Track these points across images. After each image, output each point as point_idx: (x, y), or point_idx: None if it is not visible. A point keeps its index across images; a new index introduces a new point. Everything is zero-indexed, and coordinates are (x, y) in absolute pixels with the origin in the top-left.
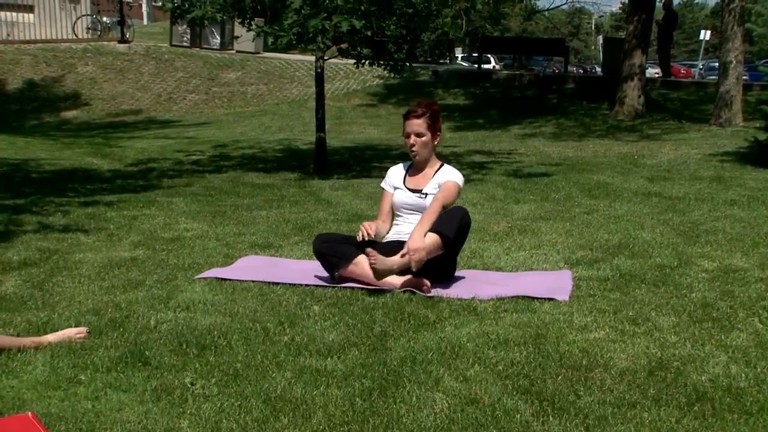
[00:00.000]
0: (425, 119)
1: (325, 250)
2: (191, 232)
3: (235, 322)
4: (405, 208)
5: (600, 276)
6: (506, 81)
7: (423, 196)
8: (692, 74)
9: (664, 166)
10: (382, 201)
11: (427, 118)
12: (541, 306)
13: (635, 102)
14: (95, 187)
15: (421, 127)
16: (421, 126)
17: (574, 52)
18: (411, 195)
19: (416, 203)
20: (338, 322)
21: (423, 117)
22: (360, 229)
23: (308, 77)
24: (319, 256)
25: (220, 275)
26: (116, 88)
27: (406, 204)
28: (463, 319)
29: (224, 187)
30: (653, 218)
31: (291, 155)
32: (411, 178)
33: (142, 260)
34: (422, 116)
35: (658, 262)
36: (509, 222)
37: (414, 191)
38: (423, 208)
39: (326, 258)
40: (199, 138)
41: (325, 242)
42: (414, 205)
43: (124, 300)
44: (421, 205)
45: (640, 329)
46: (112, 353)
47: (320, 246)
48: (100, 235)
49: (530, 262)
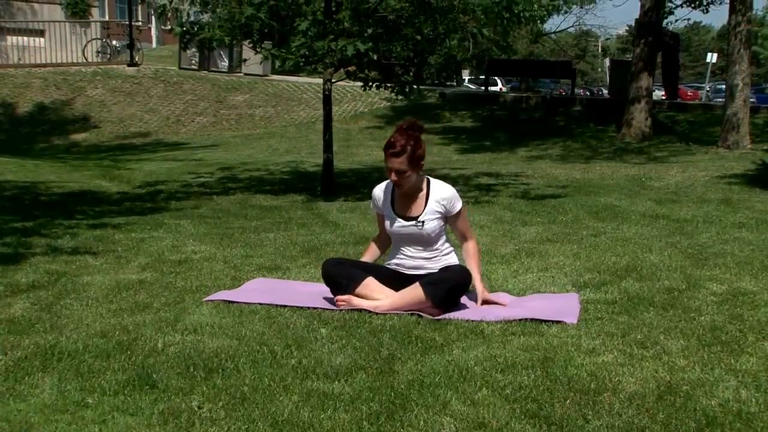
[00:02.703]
0: (405, 157)
1: (334, 273)
2: (199, 254)
3: (243, 345)
4: (403, 240)
5: (608, 299)
6: (513, 103)
7: (419, 225)
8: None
9: (672, 188)
10: (378, 222)
11: (407, 155)
12: (548, 329)
13: (642, 124)
14: (103, 209)
15: (402, 164)
16: (402, 164)
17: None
18: (405, 224)
19: (411, 233)
20: (346, 345)
21: (402, 155)
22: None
23: (316, 99)
24: (328, 280)
25: (227, 298)
26: (125, 110)
27: (400, 234)
28: (471, 342)
29: (232, 210)
30: (661, 241)
31: (298, 177)
32: (400, 202)
33: (149, 283)
34: (401, 155)
35: (666, 285)
36: (516, 244)
37: (407, 218)
38: (420, 238)
39: (336, 281)
40: (207, 160)
41: (335, 265)
42: (411, 235)
43: (131, 323)
44: (417, 236)
45: (649, 353)
46: (120, 376)
47: (330, 269)
48: (108, 257)
49: (538, 284)
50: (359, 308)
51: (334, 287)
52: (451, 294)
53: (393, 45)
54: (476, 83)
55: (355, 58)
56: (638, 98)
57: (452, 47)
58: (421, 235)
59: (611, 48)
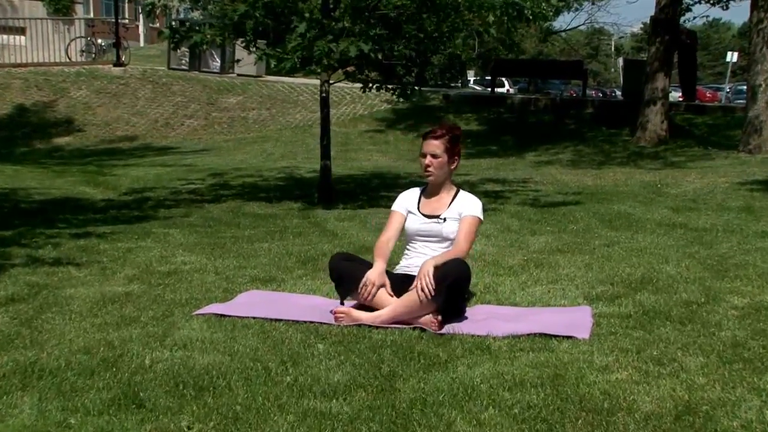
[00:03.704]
0: (443, 141)
1: (342, 270)
2: (189, 265)
3: (235, 361)
4: (419, 236)
5: (622, 313)
6: (521, 105)
7: (441, 221)
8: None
9: (690, 195)
10: (392, 221)
11: (446, 140)
12: (559, 344)
13: (658, 127)
14: (87, 217)
15: (439, 148)
16: (439, 147)
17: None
18: (426, 221)
19: (431, 230)
20: (344, 361)
21: (442, 138)
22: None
23: (313, 102)
24: (334, 275)
25: (219, 311)
26: (111, 113)
27: (420, 231)
28: (477, 359)
29: (224, 218)
30: (678, 251)
31: (294, 184)
32: (425, 204)
33: (136, 295)
34: (441, 137)
35: (684, 298)
36: (525, 255)
37: (430, 217)
38: (439, 234)
39: (342, 278)
40: (198, 166)
41: (345, 260)
42: (429, 231)
43: (117, 338)
44: (436, 231)
45: (666, 370)
46: (104, 395)
47: (338, 264)
48: (93, 268)
49: (547, 297)
50: (359, 322)
51: (338, 284)
52: (452, 291)
53: (395, 44)
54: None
55: (355, 58)
56: (654, 100)
57: (457, 46)
58: (440, 232)
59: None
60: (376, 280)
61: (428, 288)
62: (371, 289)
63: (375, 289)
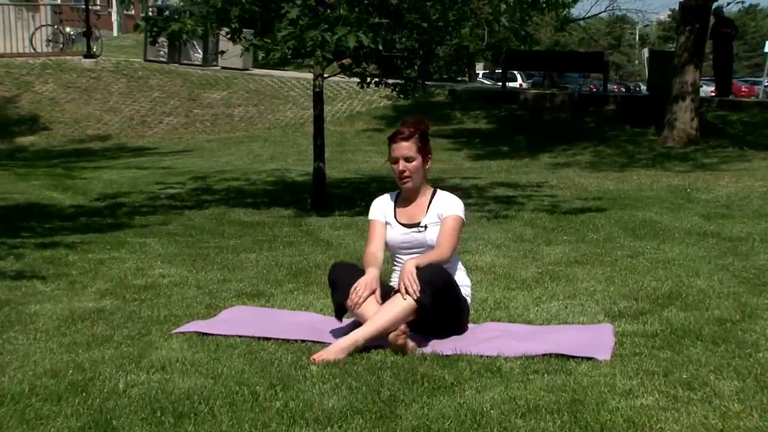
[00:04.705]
0: (414, 141)
1: (340, 274)
2: (168, 278)
3: (219, 384)
4: (402, 249)
5: (647, 331)
6: (535, 102)
7: (422, 230)
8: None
9: (723, 201)
10: (374, 232)
11: (417, 139)
12: (577, 366)
13: (687, 126)
14: (55, 225)
15: (411, 150)
16: (411, 149)
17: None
18: (407, 231)
19: (414, 240)
20: (340, 384)
21: (411, 138)
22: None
23: (305, 98)
24: (330, 277)
25: (201, 329)
26: (81, 110)
27: (402, 243)
28: (486, 382)
29: (206, 226)
30: (710, 263)
31: (285, 188)
32: (402, 211)
33: (109, 312)
34: (411, 137)
35: (717, 315)
36: (539, 267)
37: (409, 226)
38: (423, 244)
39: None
40: (178, 168)
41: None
42: (411, 242)
43: (87, 359)
44: (419, 241)
45: (697, 395)
46: (73, 423)
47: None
48: (60, 282)
49: (564, 314)
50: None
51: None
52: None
53: (396, 35)
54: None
55: (353, 50)
56: (683, 95)
57: (464, 36)
58: (424, 241)
59: (651, 36)
60: (369, 284)
61: (413, 287)
62: (362, 293)
63: (367, 293)
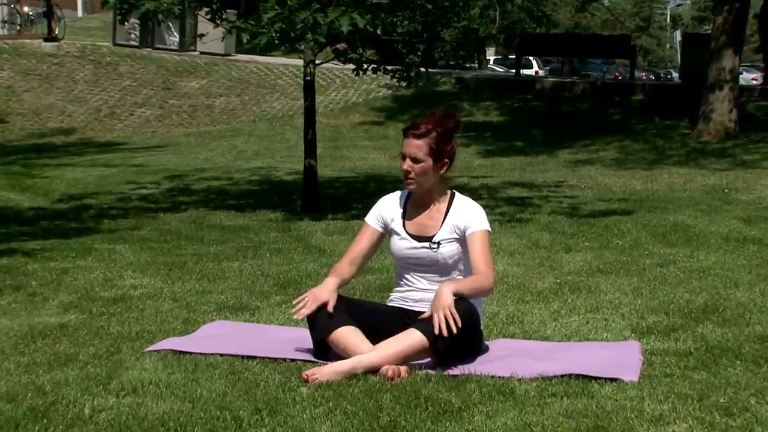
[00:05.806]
0: (428, 141)
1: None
2: (140, 290)
3: (198, 409)
4: (409, 265)
5: (679, 349)
6: (553, 91)
7: (434, 247)
8: None
9: (765, 202)
10: (361, 239)
11: (432, 140)
12: (600, 389)
13: (725, 118)
14: (11, 230)
15: (421, 150)
16: (421, 149)
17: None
18: (415, 245)
19: (422, 257)
20: (333, 408)
21: (425, 137)
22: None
23: (294, 87)
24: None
25: (177, 347)
26: (41, 100)
27: (409, 258)
28: (498, 406)
29: (184, 231)
30: (751, 272)
31: (272, 189)
32: (412, 219)
33: (74, 328)
34: (424, 136)
35: (759, 331)
36: (557, 276)
37: (420, 239)
38: (434, 263)
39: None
40: (151, 166)
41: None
42: (419, 259)
43: (49, 381)
44: (430, 260)
45: (736, 422)
46: None
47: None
48: (18, 294)
49: (586, 329)
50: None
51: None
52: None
53: (396, 16)
54: (504, 65)
55: (348, 34)
56: (720, 83)
57: (473, 18)
58: (436, 261)
59: (684, 17)
60: (318, 297)
61: (455, 324)
62: (308, 303)
63: (313, 305)
